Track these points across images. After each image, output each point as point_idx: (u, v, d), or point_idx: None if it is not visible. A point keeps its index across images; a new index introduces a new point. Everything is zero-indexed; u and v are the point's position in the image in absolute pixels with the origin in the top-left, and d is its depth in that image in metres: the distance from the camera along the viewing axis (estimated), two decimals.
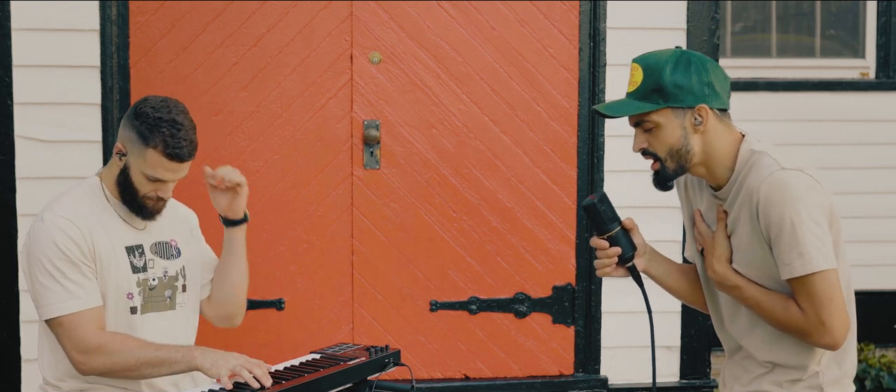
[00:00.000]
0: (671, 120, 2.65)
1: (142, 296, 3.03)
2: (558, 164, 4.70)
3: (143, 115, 2.91)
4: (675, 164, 2.68)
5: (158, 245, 3.10)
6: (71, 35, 4.33)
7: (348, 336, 4.66)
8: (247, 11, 4.51)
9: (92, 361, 2.90)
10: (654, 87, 2.64)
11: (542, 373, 4.78)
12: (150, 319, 3.05)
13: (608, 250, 2.78)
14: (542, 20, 4.65)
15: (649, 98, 2.65)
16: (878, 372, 5.44)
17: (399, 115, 4.62)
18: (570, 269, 4.75)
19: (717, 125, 2.67)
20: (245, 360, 2.76)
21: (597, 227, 2.79)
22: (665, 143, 2.67)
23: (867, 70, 6.09)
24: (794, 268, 2.57)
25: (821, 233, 2.57)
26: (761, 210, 2.59)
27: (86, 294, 2.91)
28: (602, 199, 2.77)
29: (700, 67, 2.64)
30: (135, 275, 3.02)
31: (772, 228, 2.58)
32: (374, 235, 4.64)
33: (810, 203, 2.56)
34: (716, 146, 2.67)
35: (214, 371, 2.77)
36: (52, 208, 2.97)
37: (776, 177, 2.57)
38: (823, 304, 2.58)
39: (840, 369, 2.72)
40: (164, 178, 2.95)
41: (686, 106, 2.64)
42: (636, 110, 2.66)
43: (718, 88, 2.67)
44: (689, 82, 2.63)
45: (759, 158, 2.63)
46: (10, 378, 4.40)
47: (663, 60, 2.65)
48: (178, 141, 2.89)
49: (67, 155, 4.35)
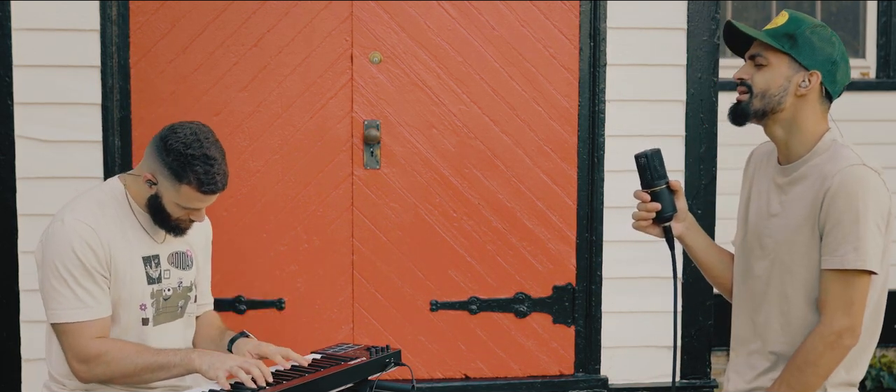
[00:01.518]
0: (783, 67, 2.71)
1: (155, 307, 3.03)
2: (558, 164, 4.70)
3: (174, 151, 2.87)
4: (761, 104, 2.73)
5: (175, 255, 3.10)
6: (71, 35, 4.33)
7: (348, 336, 4.66)
8: (247, 11, 4.51)
9: (92, 370, 2.90)
10: (790, 33, 2.70)
11: (543, 373, 4.78)
12: (161, 331, 3.05)
13: (649, 204, 2.84)
14: (543, 20, 4.65)
15: (779, 40, 2.70)
16: (878, 372, 5.44)
17: (399, 115, 4.62)
18: (570, 269, 4.75)
19: (817, 103, 2.72)
20: (242, 360, 2.77)
21: (644, 180, 2.85)
22: (765, 81, 2.72)
23: (867, 70, 6.08)
24: (846, 259, 2.59)
25: (879, 237, 2.61)
26: (830, 196, 2.61)
27: (96, 304, 2.91)
28: (655, 153, 2.83)
29: (836, 47, 2.71)
30: (150, 286, 3.01)
31: (832, 217, 2.60)
32: (374, 235, 4.64)
33: (879, 204, 2.60)
34: (805, 119, 2.71)
35: (212, 373, 2.78)
36: (74, 211, 2.94)
37: (857, 170, 2.61)
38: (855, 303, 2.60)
39: (848, 374, 2.72)
40: (198, 207, 2.95)
41: (803, 65, 2.69)
42: (764, 38, 2.71)
43: (838, 75, 2.72)
44: (820, 48, 2.69)
45: (842, 149, 2.67)
46: (11, 378, 4.40)
47: (810, 20, 2.72)
48: (211, 177, 2.87)
49: (67, 155, 4.35)
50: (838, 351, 2.62)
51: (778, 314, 2.75)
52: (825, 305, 2.63)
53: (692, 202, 4.59)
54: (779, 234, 2.73)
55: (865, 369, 2.78)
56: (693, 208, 4.58)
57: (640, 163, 2.84)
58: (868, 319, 2.71)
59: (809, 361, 2.62)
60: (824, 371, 2.63)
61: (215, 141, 2.93)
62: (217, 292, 4.49)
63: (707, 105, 4.70)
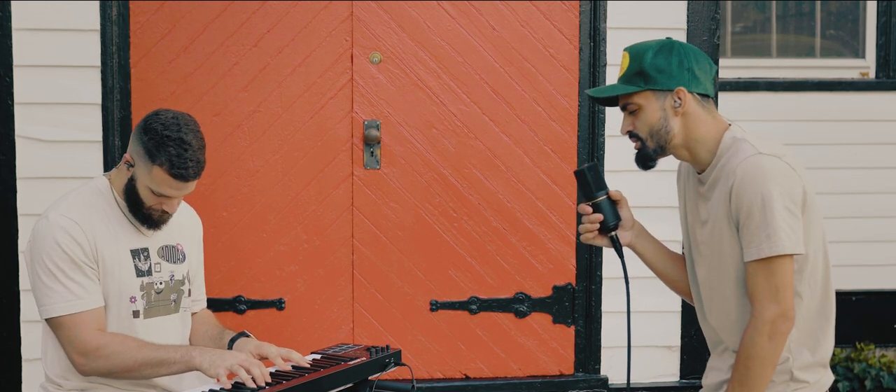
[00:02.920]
0: (651, 101, 2.76)
1: (145, 300, 3.03)
2: (558, 164, 4.71)
3: (151, 130, 2.88)
4: (655, 144, 2.79)
5: (165, 249, 3.10)
6: (71, 35, 4.33)
7: (348, 336, 4.66)
8: (247, 11, 4.51)
9: (92, 363, 2.90)
10: (637, 70, 2.76)
11: (543, 373, 4.78)
12: (153, 324, 3.04)
13: (591, 216, 2.91)
14: (543, 20, 4.65)
15: (632, 81, 2.77)
16: (878, 372, 5.44)
17: (399, 115, 4.62)
18: (570, 269, 4.75)
19: (698, 109, 2.77)
20: (243, 358, 2.77)
21: (585, 193, 2.93)
22: (646, 123, 2.78)
23: (867, 70, 6.08)
24: (761, 248, 2.64)
25: (791, 218, 2.64)
26: (735, 192, 2.67)
27: (87, 295, 2.91)
28: (592, 167, 2.92)
29: (682, 54, 2.76)
30: (139, 278, 3.01)
31: (742, 211, 2.66)
32: (374, 235, 4.64)
33: (784, 187, 2.64)
34: (697, 130, 2.78)
35: (213, 370, 2.78)
36: (58, 207, 2.97)
37: (752, 160, 2.66)
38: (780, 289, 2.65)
39: (813, 356, 2.77)
40: (169, 195, 2.94)
41: (665, 88, 2.75)
42: (618, 91, 2.79)
43: (699, 74, 2.76)
44: (669, 66, 2.74)
45: (740, 144, 2.72)
46: (11, 378, 4.40)
47: (647, 46, 2.77)
48: (184, 161, 2.86)
49: (68, 155, 4.35)
50: (777, 339, 2.66)
51: (724, 314, 2.82)
52: (754, 297, 2.69)
53: None
54: (710, 239, 2.80)
55: (831, 349, 2.82)
56: None
57: (579, 176, 2.92)
58: (818, 298, 2.76)
59: (752, 355, 2.67)
60: (769, 361, 2.67)
61: (196, 130, 2.92)
62: (217, 292, 4.50)
63: None
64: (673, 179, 3.03)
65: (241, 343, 3.04)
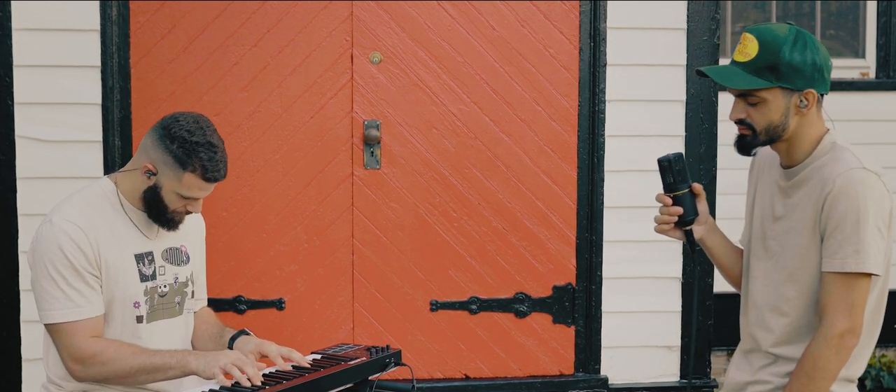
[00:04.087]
0: (779, 98, 2.67)
1: (149, 304, 3.02)
2: (558, 164, 4.71)
3: (178, 139, 2.88)
4: (766, 137, 2.71)
5: (169, 251, 3.09)
6: (71, 35, 4.33)
7: (348, 336, 4.66)
8: (247, 11, 4.51)
9: (88, 370, 2.90)
10: (769, 64, 2.64)
11: (543, 373, 4.78)
12: (157, 327, 3.04)
13: (671, 208, 2.83)
14: (542, 20, 4.65)
15: (762, 74, 2.65)
16: (878, 372, 5.44)
17: (399, 115, 4.62)
18: (570, 269, 4.75)
19: (816, 111, 2.71)
20: (236, 357, 2.76)
21: (666, 183, 2.84)
22: (766, 118, 2.68)
23: (867, 70, 6.08)
24: (847, 262, 2.60)
25: (880, 239, 2.62)
26: (830, 200, 2.62)
27: (87, 303, 2.91)
28: (678, 158, 2.82)
29: (813, 50, 2.66)
30: (143, 283, 3.01)
31: (833, 220, 2.62)
32: (374, 235, 4.64)
33: (880, 207, 2.61)
34: (807, 129, 2.71)
35: (208, 372, 2.78)
36: (62, 211, 2.95)
37: (856, 173, 2.61)
38: (855, 305, 2.62)
39: (846, 370, 2.74)
40: (197, 197, 2.96)
41: (796, 88, 2.66)
42: (750, 85, 2.66)
43: (827, 74, 2.69)
44: (804, 65, 2.64)
45: (841, 152, 2.67)
46: (11, 378, 4.40)
47: (781, 38, 2.65)
48: (216, 164, 2.89)
49: (68, 155, 4.35)
50: (842, 353, 2.64)
51: (778, 315, 2.77)
52: (826, 308, 2.64)
53: None
54: (783, 236, 2.75)
55: (864, 366, 2.80)
56: None
57: (663, 166, 2.83)
58: (868, 318, 2.73)
59: (818, 366, 2.63)
60: (832, 374, 2.65)
61: (215, 129, 2.96)
62: (217, 292, 4.50)
63: (707, 105, 4.70)
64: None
65: (242, 341, 3.04)
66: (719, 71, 2.72)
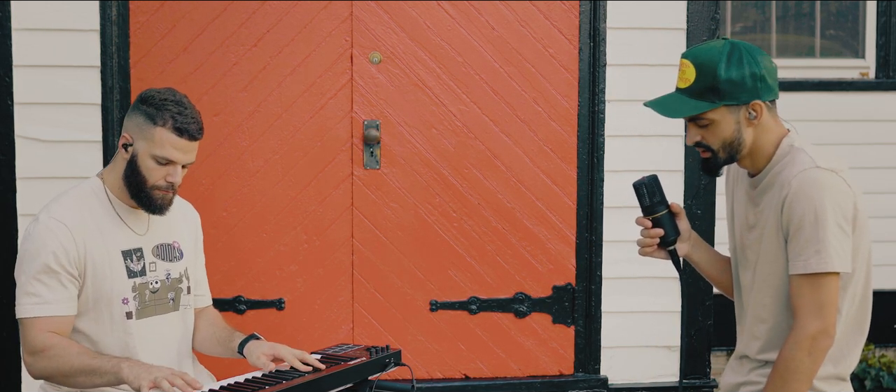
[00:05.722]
0: (726, 116, 2.69)
1: (138, 301, 3.01)
2: (558, 164, 4.71)
3: (148, 98, 2.95)
4: (726, 155, 2.73)
5: (160, 247, 3.09)
6: (71, 35, 4.33)
7: (348, 336, 4.66)
8: (247, 11, 4.51)
9: (37, 363, 2.90)
10: (708, 85, 2.66)
11: (542, 373, 4.78)
12: (148, 324, 3.03)
13: (651, 230, 2.86)
14: (542, 20, 4.65)
15: (704, 97, 2.68)
16: (878, 372, 5.44)
17: (399, 115, 4.62)
18: (570, 269, 4.75)
19: (768, 118, 2.73)
20: (169, 372, 2.71)
21: (644, 207, 2.86)
22: (719, 137, 2.71)
23: (867, 70, 6.09)
24: (809, 263, 2.61)
25: (842, 236, 2.61)
26: (788, 203, 2.63)
27: (55, 301, 2.91)
28: (652, 180, 2.84)
29: (751, 61, 2.66)
30: (131, 279, 3.00)
31: (793, 223, 2.62)
32: (374, 235, 4.64)
33: (838, 204, 2.61)
34: (764, 137, 2.73)
35: (136, 383, 2.72)
36: (49, 209, 2.96)
37: (809, 173, 2.62)
38: (824, 305, 2.61)
39: (835, 368, 2.75)
40: (174, 159, 2.92)
41: (741, 103, 2.67)
42: (693, 111, 2.69)
43: (770, 80, 2.70)
44: (743, 78, 2.65)
45: (797, 154, 2.68)
46: (11, 378, 4.40)
47: (716, 57, 2.66)
48: (186, 117, 2.92)
49: (68, 155, 4.35)
50: (816, 354, 2.64)
51: (759, 321, 2.80)
52: (797, 310, 2.65)
53: (692, 202, 4.59)
54: (756, 245, 2.77)
55: (855, 363, 2.81)
56: (693, 208, 4.58)
57: (639, 190, 2.85)
58: (854, 313, 2.75)
59: (790, 369, 2.64)
60: (806, 376, 2.65)
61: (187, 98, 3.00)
62: (217, 292, 4.50)
63: None
64: (671, 181, 3.00)
65: (253, 345, 3.03)
66: (662, 102, 2.76)
